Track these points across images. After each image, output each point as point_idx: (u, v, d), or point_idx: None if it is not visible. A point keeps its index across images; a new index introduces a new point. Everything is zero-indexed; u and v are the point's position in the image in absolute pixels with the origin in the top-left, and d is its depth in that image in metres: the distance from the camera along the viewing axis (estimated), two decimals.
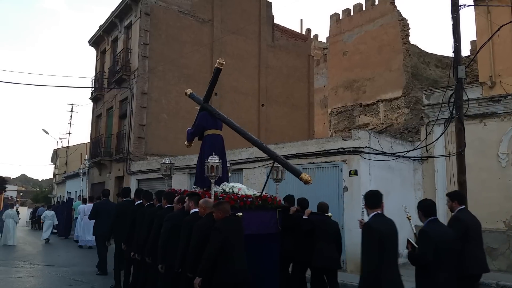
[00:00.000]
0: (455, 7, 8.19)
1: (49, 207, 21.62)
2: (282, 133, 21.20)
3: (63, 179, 31.55)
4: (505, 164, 9.81)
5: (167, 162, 7.49)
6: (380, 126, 19.89)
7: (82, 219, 14.75)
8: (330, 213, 6.55)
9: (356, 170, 9.53)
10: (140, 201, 7.18)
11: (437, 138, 9.86)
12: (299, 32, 28.73)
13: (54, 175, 41.89)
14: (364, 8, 22.73)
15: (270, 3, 23.14)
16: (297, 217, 6.29)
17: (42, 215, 18.48)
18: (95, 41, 23.72)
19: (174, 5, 19.13)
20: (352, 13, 23.35)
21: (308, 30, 32.66)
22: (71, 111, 34.54)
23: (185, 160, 14.11)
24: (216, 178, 5.77)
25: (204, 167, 5.82)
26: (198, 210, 5.11)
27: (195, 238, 4.73)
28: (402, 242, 4.22)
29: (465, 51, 17.60)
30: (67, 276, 9.17)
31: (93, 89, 23.06)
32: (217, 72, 6.86)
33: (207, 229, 4.61)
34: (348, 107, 22.91)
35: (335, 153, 9.98)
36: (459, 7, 8.19)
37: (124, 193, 8.45)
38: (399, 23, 20.70)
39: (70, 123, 34.78)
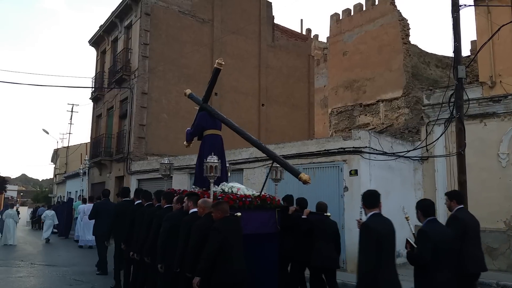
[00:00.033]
0: (455, 7, 8.18)
1: (50, 207, 21.64)
2: (282, 133, 21.18)
3: (63, 179, 31.59)
4: (505, 164, 9.81)
5: (166, 162, 7.50)
6: (380, 126, 19.88)
7: (82, 219, 14.77)
8: (329, 213, 6.56)
9: (356, 170, 9.53)
10: (139, 201, 7.18)
11: (438, 138, 9.86)
12: (299, 32, 28.72)
13: (54, 175, 41.94)
14: (364, 8, 22.73)
15: (270, 3, 23.13)
16: (296, 217, 6.28)
17: (43, 215, 18.49)
18: (95, 41, 23.74)
19: (174, 5, 19.13)
20: (352, 13, 23.35)
21: (308, 30, 32.64)
22: (71, 111, 34.56)
23: (185, 160, 14.11)
24: (215, 178, 5.78)
25: (203, 167, 5.83)
26: (197, 210, 5.12)
27: (194, 238, 4.73)
28: (402, 242, 4.22)
29: (465, 51, 17.62)
30: (68, 276, 9.18)
31: (93, 89, 23.07)
32: (216, 73, 6.88)
33: (206, 229, 4.61)
34: (348, 107, 22.90)
35: (335, 153, 9.98)
36: (459, 7, 8.18)
37: (124, 193, 8.44)
38: (399, 23, 20.70)
39: (70, 123, 34.78)
